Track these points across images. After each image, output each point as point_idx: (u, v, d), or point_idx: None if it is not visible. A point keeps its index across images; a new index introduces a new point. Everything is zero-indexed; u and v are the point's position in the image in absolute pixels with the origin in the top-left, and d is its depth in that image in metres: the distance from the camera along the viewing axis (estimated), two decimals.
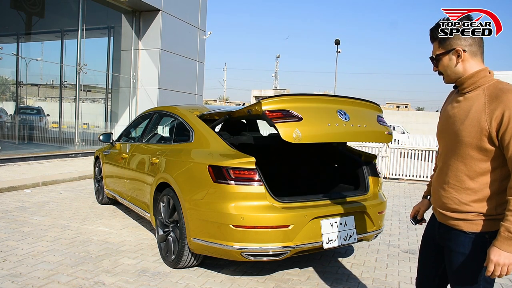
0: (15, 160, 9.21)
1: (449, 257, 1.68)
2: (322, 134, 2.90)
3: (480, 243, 1.58)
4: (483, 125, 1.53)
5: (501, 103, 1.50)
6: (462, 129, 1.60)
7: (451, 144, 1.67)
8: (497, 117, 1.50)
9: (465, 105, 1.62)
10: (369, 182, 3.51)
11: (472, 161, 1.59)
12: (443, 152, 1.73)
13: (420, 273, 1.92)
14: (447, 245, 1.69)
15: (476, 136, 1.55)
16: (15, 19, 13.18)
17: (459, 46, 1.65)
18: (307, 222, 2.95)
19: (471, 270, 1.61)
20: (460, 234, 1.63)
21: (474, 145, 1.56)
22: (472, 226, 1.60)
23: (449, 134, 1.68)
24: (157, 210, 3.67)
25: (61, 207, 5.45)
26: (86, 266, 3.35)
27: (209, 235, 2.99)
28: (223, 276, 3.25)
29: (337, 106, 3.06)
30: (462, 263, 1.62)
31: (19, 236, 4.10)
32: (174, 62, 13.72)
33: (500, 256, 1.47)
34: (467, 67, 1.64)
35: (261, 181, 2.92)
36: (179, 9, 13.70)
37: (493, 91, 1.55)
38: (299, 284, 3.17)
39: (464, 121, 1.60)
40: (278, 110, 2.80)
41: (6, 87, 16.52)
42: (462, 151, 1.61)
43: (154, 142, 4.69)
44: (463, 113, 1.62)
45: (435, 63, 1.72)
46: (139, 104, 13.30)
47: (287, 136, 2.70)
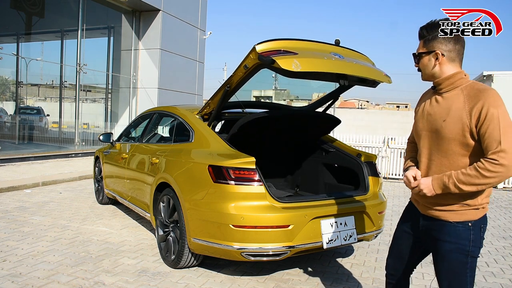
0: (15, 160, 9.21)
1: (435, 247, 1.81)
2: (321, 63, 2.89)
3: (464, 231, 1.73)
4: (464, 121, 1.67)
5: (479, 100, 1.65)
6: (445, 126, 1.73)
7: (434, 141, 1.80)
8: (476, 112, 1.64)
9: (445, 104, 1.77)
10: (369, 182, 3.50)
11: (455, 156, 1.72)
12: (426, 148, 1.85)
13: (394, 256, 2.07)
14: (432, 235, 1.81)
15: (459, 132, 1.69)
16: (15, 19, 13.17)
17: (439, 50, 1.78)
18: (307, 222, 2.95)
19: (458, 259, 1.74)
20: (445, 224, 1.76)
21: (457, 140, 1.70)
22: (458, 216, 1.74)
23: (431, 132, 1.81)
24: (157, 210, 3.67)
25: (61, 207, 5.45)
26: (86, 266, 3.35)
27: (209, 235, 2.99)
28: (223, 276, 3.25)
29: (331, 49, 3.09)
30: (448, 251, 1.75)
31: (19, 236, 4.10)
32: (174, 62, 13.72)
33: (426, 182, 1.74)
34: (444, 69, 1.79)
35: (261, 181, 2.92)
36: (179, 9, 13.70)
37: (470, 90, 1.71)
38: (299, 284, 3.17)
39: (446, 119, 1.73)
40: (273, 50, 2.79)
41: (6, 87, 16.52)
42: (446, 147, 1.74)
43: (154, 142, 4.69)
44: (444, 111, 1.75)
45: (417, 60, 1.87)
46: (139, 104, 13.30)
47: (287, 65, 2.66)
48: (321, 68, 2.90)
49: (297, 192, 4.29)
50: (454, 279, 1.76)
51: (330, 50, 3.08)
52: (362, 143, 10.29)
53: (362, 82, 3.35)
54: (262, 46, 2.80)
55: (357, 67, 3.10)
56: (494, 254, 4.12)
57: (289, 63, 2.66)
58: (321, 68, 2.90)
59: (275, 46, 2.81)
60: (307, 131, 4.06)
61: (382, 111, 34.86)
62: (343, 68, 3.03)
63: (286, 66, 2.65)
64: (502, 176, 1.60)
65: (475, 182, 1.63)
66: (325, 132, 4.12)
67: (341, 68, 3.02)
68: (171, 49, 13.49)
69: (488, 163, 1.60)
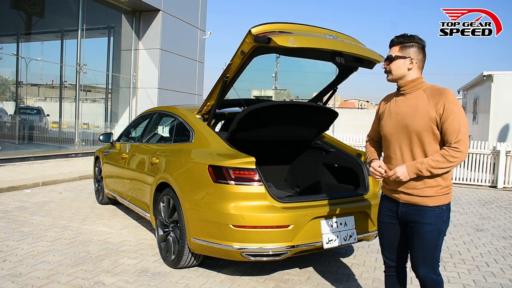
0: (15, 160, 9.21)
1: (416, 229, 2.10)
2: (316, 41, 3.00)
3: (439, 214, 2.07)
4: (431, 115, 2.02)
5: (441, 98, 2.01)
6: (414, 120, 2.06)
7: (404, 134, 2.11)
8: (440, 108, 2.00)
9: (411, 103, 2.11)
10: (369, 182, 3.50)
11: (426, 144, 2.05)
12: (397, 142, 2.15)
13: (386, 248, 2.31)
14: (413, 219, 2.11)
15: (427, 124, 2.03)
16: (15, 19, 13.17)
17: (413, 57, 2.11)
18: (307, 222, 2.95)
19: (433, 236, 2.08)
20: (425, 208, 2.07)
21: (426, 132, 2.04)
22: (435, 201, 2.07)
23: (401, 127, 2.12)
24: (157, 210, 3.67)
25: (61, 207, 5.45)
26: (86, 266, 3.35)
27: (209, 235, 2.99)
28: (223, 276, 3.25)
29: (325, 32, 3.17)
30: (429, 232, 2.07)
31: (19, 236, 4.10)
32: (174, 62, 13.72)
33: (401, 169, 2.06)
34: (411, 73, 2.13)
35: (261, 181, 2.92)
36: (179, 9, 13.70)
37: (431, 90, 2.08)
38: (299, 284, 3.17)
39: (414, 115, 2.07)
40: (268, 31, 2.86)
41: (6, 87, 16.52)
42: (417, 138, 2.07)
43: (154, 142, 4.69)
44: (412, 109, 2.09)
45: (389, 62, 2.16)
46: (139, 104, 13.30)
47: (283, 41, 2.73)
48: (317, 44, 2.99)
49: (297, 192, 4.29)
50: (429, 253, 2.09)
51: (325, 32, 3.18)
52: (362, 143, 10.30)
53: (358, 62, 3.39)
54: (257, 29, 2.86)
55: (352, 46, 3.18)
56: (494, 254, 4.12)
57: (285, 40, 2.74)
58: (317, 44, 2.99)
59: (270, 28, 2.88)
60: (306, 126, 4.02)
61: None
62: (339, 46, 3.09)
63: (282, 43, 2.72)
64: (461, 160, 1.99)
65: (443, 166, 1.99)
66: (324, 128, 4.11)
67: (336, 46, 3.08)
68: (171, 49, 13.49)
69: (452, 150, 1.97)
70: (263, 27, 2.87)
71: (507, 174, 8.96)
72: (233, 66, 3.13)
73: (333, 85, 3.98)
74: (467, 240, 4.61)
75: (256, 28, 2.85)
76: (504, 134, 12.75)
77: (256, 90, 50.46)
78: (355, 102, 55.52)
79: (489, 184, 9.13)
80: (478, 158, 9.30)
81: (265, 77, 26.82)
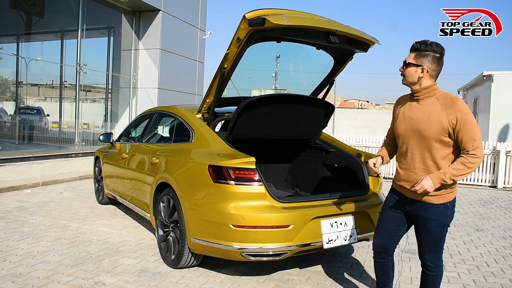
0: (15, 160, 9.21)
1: (423, 224, 2.31)
2: (310, 20, 3.07)
3: (444, 210, 2.26)
4: (444, 125, 2.16)
5: (454, 109, 2.15)
6: (427, 127, 2.21)
7: (416, 138, 2.27)
8: (453, 119, 2.14)
9: (425, 110, 2.24)
10: (369, 182, 3.50)
11: (435, 150, 2.21)
12: (409, 145, 2.31)
13: (383, 234, 2.50)
14: (420, 215, 2.30)
15: (439, 132, 2.18)
16: (15, 19, 13.17)
17: (426, 66, 2.23)
18: (307, 222, 2.95)
19: (439, 230, 2.29)
20: (431, 206, 2.25)
21: (437, 139, 2.19)
22: (440, 199, 2.24)
23: (413, 132, 2.28)
24: (157, 210, 3.67)
25: (61, 207, 5.45)
26: (86, 266, 3.35)
27: (209, 235, 2.99)
28: (223, 276, 3.25)
29: (319, 16, 3.25)
30: (434, 226, 2.28)
31: (19, 236, 4.10)
32: (174, 62, 13.72)
33: (427, 182, 2.18)
34: (423, 81, 2.25)
35: (261, 181, 2.92)
36: (179, 9, 13.70)
37: (444, 100, 2.21)
38: (299, 284, 3.17)
39: (427, 122, 2.21)
40: (262, 14, 2.90)
41: (6, 87, 16.53)
42: (428, 143, 2.22)
43: (154, 142, 4.69)
44: (425, 116, 2.23)
45: (405, 67, 2.28)
46: (139, 104, 13.30)
47: (277, 20, 2.80)
48: (311, 23, 3.05)
49: (297, 192, 4.29)
50: (434, 242, 2.32)
51: (318, 16, 3.25)
52: (362, 143, 10.29)
53: (352, 44, 3.40)
54: (252, 13, 2.91)
55: (346, 27, 3.24)
56: (494, 254, 4.12)
57: (279, 19, 2.82)
58: (311, 23, 3.05)
59: (264, 12, 2.93)
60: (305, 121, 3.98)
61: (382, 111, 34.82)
62: (332, 25, 3.13)
63: (276, 21, 2.79)
64: (478, 164, 2.15)
65: (464, 173, 2.15)
66: (322, 125, 4.10)
67: (330, 25, 3.13)
68: (171, 49, 13.49)
69: (470, 157, 2.13)
70: (257, 12, 2.92)
71: (507, 174, 8.96)
72: (230, 55, 3.11)
73: (329, 78, 3.99)
74: (467, 240, 4.61)
75: (250, 13, 2.90)
76: (504, 134, 12.75)
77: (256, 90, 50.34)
78: (355, 102, 55.53)
79: (489, 184, 9.14)
80: None
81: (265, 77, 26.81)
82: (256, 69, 4.23)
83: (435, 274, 2.39)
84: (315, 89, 4.14)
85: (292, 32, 3.07)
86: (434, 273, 2.38)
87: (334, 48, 3.56)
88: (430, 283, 2.42)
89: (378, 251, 2.54)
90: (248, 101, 3.34)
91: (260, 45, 3.28)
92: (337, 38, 3.20)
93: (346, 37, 3.25)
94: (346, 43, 3.34)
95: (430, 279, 2.41)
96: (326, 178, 4.07)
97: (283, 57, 4.07)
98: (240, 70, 3.39)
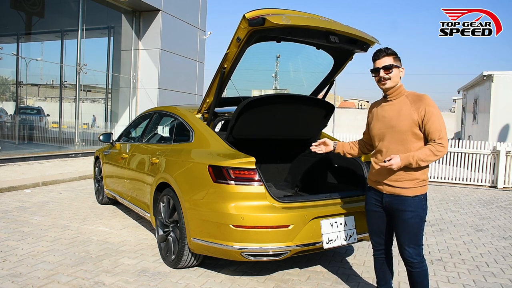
0: (15, 160, 9.21)
1: (401, 216, 2.41)
2: (310, 20, 3.07)
3: (419, 202, 2.40)
4: (414, 118, 2.35)
5: (423, 103, 2.36)
6: (399, 122, 2.39)
7: (390, 134, 2.43)
8: (422, 111, 2.34)
9: (396, 107, 2.44)
10: None
11: (408, 142, 2.38)
12: (384, 141, 2.47)
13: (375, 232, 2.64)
14: (396, 208, 2.43)
15: (410, 125, 2.36)
16: (15, 19, 13.17)
17: (402, 67, 2.48)
18: (307, 222, 2.95)
19: (417, 222, 2.40)
20: (406, 198, 2.39)
21: (409, 132, 2.37)
22: (413, 191, 2.39)
23: (388, 128, 2.45)
24: (157, 210, 3.67)
25: (61, 207, 5.45)
26: (86, 266, 3.35)
27: (209, 235, 2.99)
28: (223, 276, 3.25)
29: (318, 16, 3.25)
30: (411, 218, 2.39)
31: (19, 236, 4.10)
32: (174, 62, 13.72)
33: (396, 159, 2.31)
34: (398, 81, 2.47)
35: (261, 181, 2.92)
36: (179, 9, 13.70)
37: (413, 97, 2.42)
38: (299, 284, 3.17)
39: (399, 117, 2.40)
40: (262, 14, 2.90)
41: (6, 87, 16.53)
42: (401, 137, 2.39)
43: (154, 142, 4.69)
44: (396, 113, 2.42)
45: (391, 70, 2.42)
46: (139, 104, 13.30)
47: (277, 20, 2.80)
48: (311, 22, 3.05)
49: (297, 192, 4.29)
50: (413, 235, 2.41)
51: (318, 16, 3.25)
52: None
53: (352, 44, 3.40)
54: (251, 13, 2.90)
55: (346, 27, 3.24)
56: (494, 254, 4.13)
57: (279, 19, 2.82)
58: (311, 22, 3.05)
59: (264, 12, 2.93)
60: (304, 121, 3.99)
61: None
62: (332, 25, 3.13)
63: (276, 21, 2.79)
64: (443, 153, 2.33)
65: (429, 159, 2.31)
66: (322, 125, 4.10)
67: (330, 25, 3.13)
68: (171, 49, 13.49)
69: (437, 145, 2.31)
70: (257, 12, 2.92)
71: (507, 174, 8.95)
72: (230, 55, 3.11)
73: (329, 78, 3.99)
74: (467, 240, 4.61)
75: (250, 13, 2.90)
76: (504, 134, 12.75)
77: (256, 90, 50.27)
78: (355, 102, 55.51)
79: (489, 184, 9.13)
80: (478, 158, 9.30)
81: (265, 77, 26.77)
82: (256, 69, 4.22)
83: (419, 270, 2.43)
84: (315, 89, 4.15)
85: (292, 32, 3.06)
86: (419, 269, 2.43)
87: (334, 48, 3.56)
88: (417, 281, 2.45)
89: (376, 248, 2.67)
90: (248, 101, 3.34)
91: (260, 45, 3.28)
92: (337, 38, 3.19)
93: (346, 37, 3.25)
94: (346, 43, 3.33)
95: (416, 276, 2.44)
96: (326, 178, 4.07)
97: (283, 57, 4.07)
98: (240, 70, 3.40)
